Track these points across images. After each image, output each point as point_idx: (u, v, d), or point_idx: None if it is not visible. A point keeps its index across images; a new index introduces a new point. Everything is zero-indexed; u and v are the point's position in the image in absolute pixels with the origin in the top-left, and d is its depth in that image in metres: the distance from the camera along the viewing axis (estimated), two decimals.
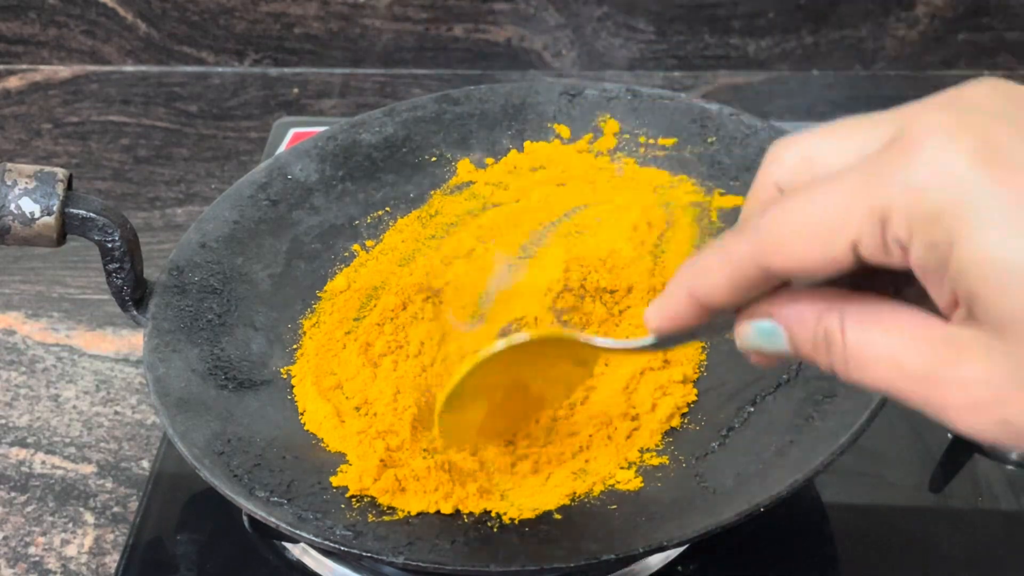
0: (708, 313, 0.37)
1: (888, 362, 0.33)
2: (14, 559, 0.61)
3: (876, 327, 0.33)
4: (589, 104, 0.71)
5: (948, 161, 0.30)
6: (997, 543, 0.58)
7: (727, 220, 0.64)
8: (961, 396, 0.32)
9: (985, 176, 0.30)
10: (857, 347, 0.33)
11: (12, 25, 1.00)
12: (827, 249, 0.32)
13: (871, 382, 0.34)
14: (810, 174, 0.34)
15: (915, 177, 0.31)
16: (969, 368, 0.31)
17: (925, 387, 0.32)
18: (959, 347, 0.32)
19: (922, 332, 0.33)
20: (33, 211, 0.56)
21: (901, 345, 0.33)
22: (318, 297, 0.65)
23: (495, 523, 0.51)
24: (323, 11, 0.98)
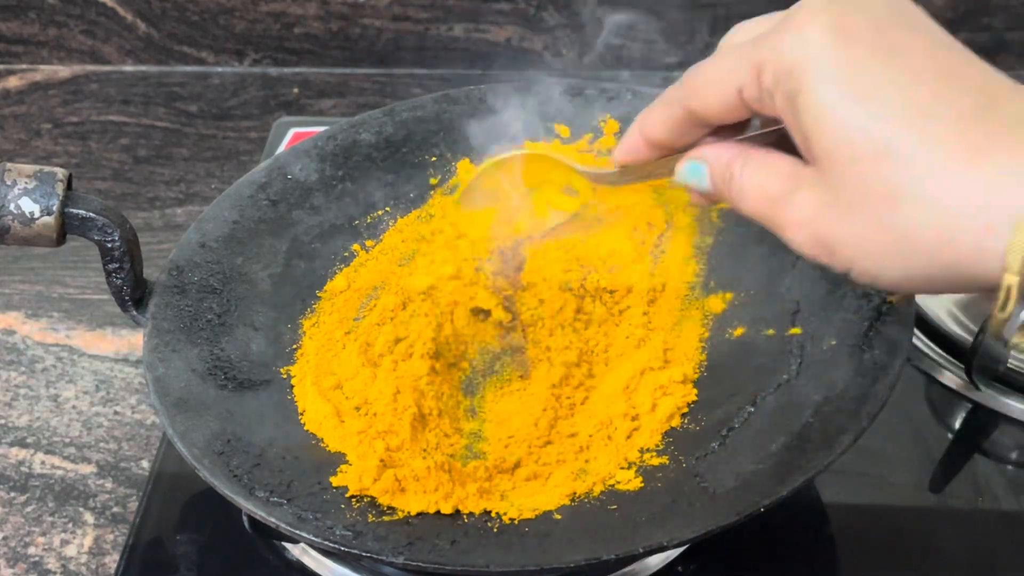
0: (656, 149, 0.48)
1: (758, 190, 0.43)
2: (14, 559, 0.61)
3: (759, 167, 0.43)
4: (589, 104, 0.71)
5: (807, 31, 0.40)
6: (997, 543, 0.58)
7: (727, 220, 0.64)
8: (792, 214, 0.42)
9: (829, 44, 0.39)
10: (743, 181, 0.44)
11: (12, 25, 1.00)
12: (723, 93, 0.43)
13: (748, 209, 0.44)
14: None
15: (782, 43, 0.40)
16: (800, 193, 0.41)
17: (774, 208, 0.42)
18: (800, 178, 0.41)
19: (782, 168, 0.42)
20: (33, 211, 0.56)
21: (767, 177, 0.43)
22: (318, 297, 0.65)
23: (495, 523, 0.51)
24: (323, 11, 0.98)
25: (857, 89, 0.39)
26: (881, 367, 0.51)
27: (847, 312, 0.55)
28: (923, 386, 0.66)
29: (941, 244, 0.38)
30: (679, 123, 0.46)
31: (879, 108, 0.38)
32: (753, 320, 0.59)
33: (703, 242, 0.64)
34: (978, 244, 0.38)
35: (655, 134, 0.47)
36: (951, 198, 0.38)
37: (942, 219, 0.38)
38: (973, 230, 0.37)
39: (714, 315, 0.61)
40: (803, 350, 0.56)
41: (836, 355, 0.54)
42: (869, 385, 0.51)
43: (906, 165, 0.38)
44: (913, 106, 0.38)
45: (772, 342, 0.57)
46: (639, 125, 0.48)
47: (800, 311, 0.58)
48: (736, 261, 0.62)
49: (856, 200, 0.39)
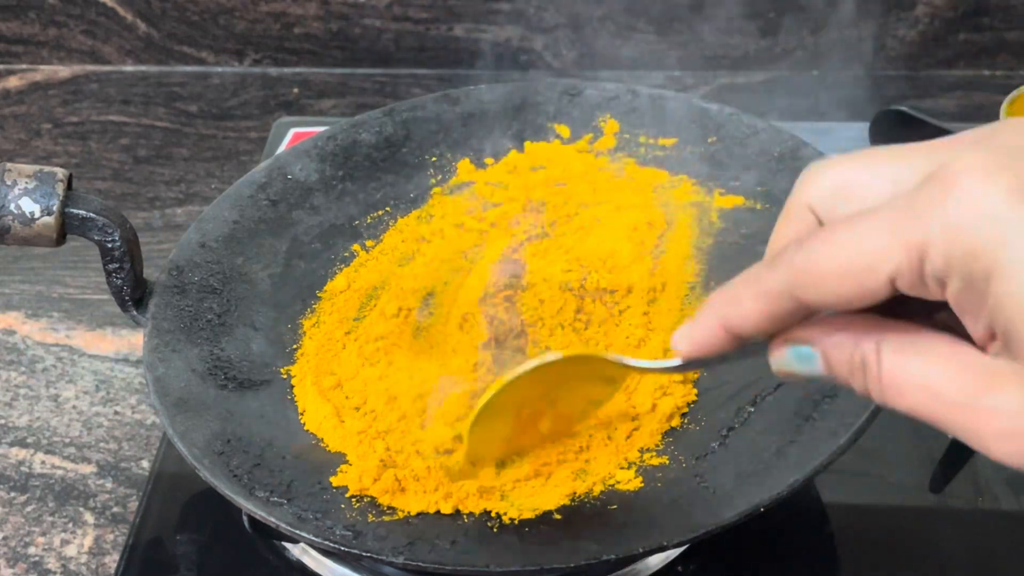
0: (738, 341, 0.38)
1: (924, 389, 0.34)
2: (14, 559, 0.61)
3: (912, 354, 0.34)
4: (589, 104, 0.71)
5: (985, 199, 0.31)
6: (997, 543, 0.58)
7: (727, 220, 0.64)
8: (997, 424, 0.33)
9: (1018, 209, 0.31)
10: (892, 373, 0.34)
11: (12, 25, 1.00)
12: (865, 284, 0.33)
13: (907, 408, 0.34)
14: (846, 201, 0.35)
15: (953, 214, 0.31)
16: (1005, 397, 0.32)
17: (962, 414, 0.33)
18: (995, 376, 0.32)
19: (959, 360, 0.33)
20: (33, 211, 0.56)
21: (938, 372, 0.33)
22: (318, 297, 0.65)
23: (495, 523, 0.51)
24: (323, 11, 0.98)
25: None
26: None
27: None
28: None
29: None
30: (783, 315, 0.36)
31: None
32: None
33: (703, 242, 0.64)
34: None
35: (745, 328, 0.37)
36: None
37: None
38: None
39: None
40: None
41: None
42: None
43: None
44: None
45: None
46: (719, 314, 0.38)
47: None
48: (736, 261, 0.62)
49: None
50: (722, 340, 0.38)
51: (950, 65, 0.95)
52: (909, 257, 0.32)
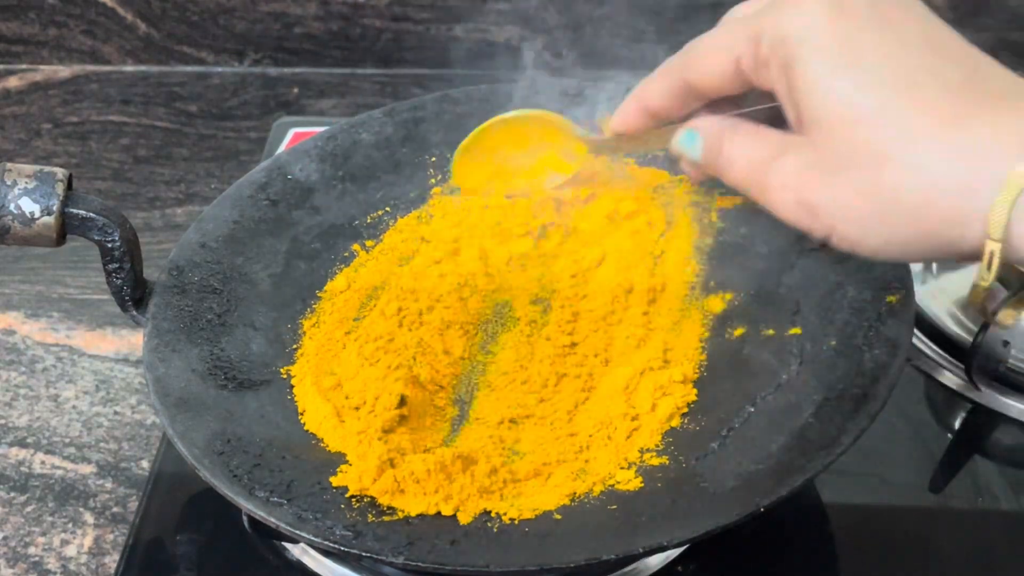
0: (652, 119, 0.49)
1: (745, 158, 0.44)
2: (14, 559, 0.61)
3: (747, 136, 0.44)
4: (589, 104, 0.71)
5: (806, 5, 0.41)
6: (997, 543, 0.58)
7: (727, 220, 0.64)
8: (776, 178, 0.42)
9: (825, 17, 0.41)
10: (731, 150, 0.45)
11: (12, 25, 1.00)
12: (720, 64, 0.45)
13: (733, 178, 0.45)
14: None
15: (780, 15, 0.42)
16: (786, 158, 0.42)
17: (759, 174, 0.43)
18: (786, 145, 0.42)
19: (770, 137, 0.43)
20: (33, 211, 0.56)
21: (754, 145, 0.44)
22: (318, 297, 0.65)
23: (495, 523, 0.51)
24: (323, 11, 0.98)
25: (849, 58, 0.40)
26: (881, 367, 0.51)
27: (847, 312, 0.55)
28: (923, 386, 0.66)
29: (924, 206, 0.39)
30: (676, 93, 0.47)
31: (869, 76, 0.40)
32: (753, 320, 0.59)
33: (703, 242, 0.64)
34: (961, 207, 0.38)
35: (652, 104, 0.49)
36: (936, 161, 0.38)
37: (926, 181, 0.39)
38: (957, 193, 0.38)
39: (714, 315, 0.61)
40: (803, 350, 0.56)
41: (836, 355, 0.54)
42: (869, 385, 0.51)
43: (893, 129, 0.39)
44: (901, 75, 0.40)
45: (772, 342, 0.57)
46: (637, 94, 0.49)
47: (800, 311, 0.58)
48: (736, 261, 0.62)
49: (842, 163, 0.40)
50: (639, 116, 0.50)
51: None
52: (748, 43, 0.43)
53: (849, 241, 0.41)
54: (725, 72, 0.45)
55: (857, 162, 0.40)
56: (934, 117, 0.39)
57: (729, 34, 0.45)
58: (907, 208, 0.39)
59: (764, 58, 0.42)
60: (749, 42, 0.43)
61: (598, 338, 0.60)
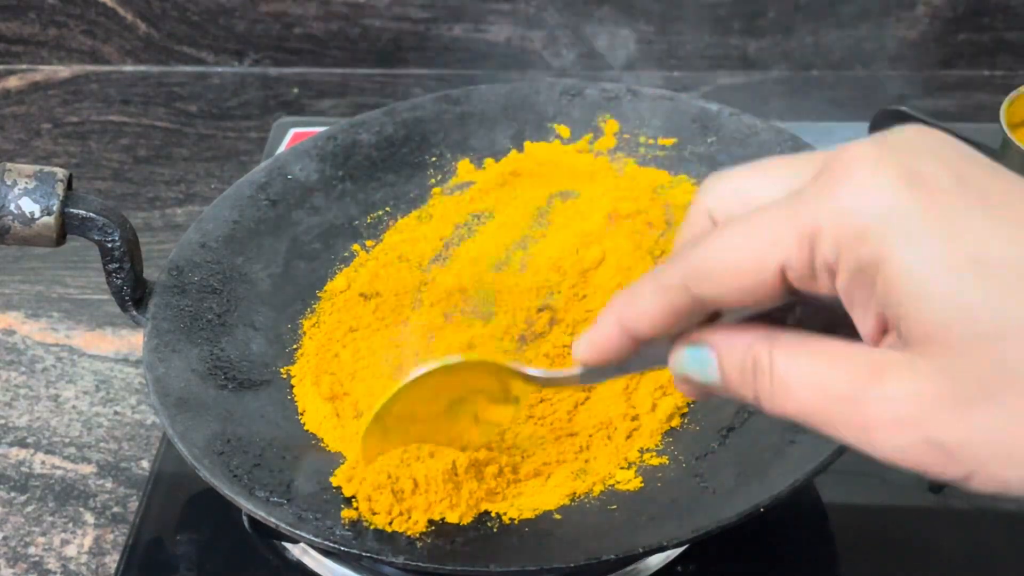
0: (638, 344, 0.37)
1: (813, 386, 0.33)
2: (14, 559, 0.61)
3: (803, 352, 0.33)
4: (589, 104, 0.71)
5: (873, 185, 0.31)
6: (997, 543, 0.58)
7: None
8: (885, 413, 0.32)
9: (909, 198, 0.31)
10: (784, 373, 0.34)
11: (12, 25, 1.00)
12: (757, 274, 0.33)
13: (796, 408, 0.33)
14: (743, 206, 0.35)
15: (842, 200, 0.31)
16: (894, 385, 0.31)
17: (850, 408, 0.32)
18: (884, 366, 0.32)
19: (848, 354, 0.33)
20: (33, 211, 0.56)
21: (826, 368, 0.33)
22: (318, 297, 0.65)
23: (495, 523, 0.51)
24: (323, 11, 0.98)
25: (963, 251, 0.30)
26: None
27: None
28: None
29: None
30: (681, 312, 0.36)
31: (1005, 279, 0.30)
32: None
33: None
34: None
35: (643, 327, 0.36)
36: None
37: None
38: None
39: None
40: None
41: None
42: None
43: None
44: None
45: None
46: (616, 316, 0.37)
47: None
48: None
49: (988, 389, 0.30)
50: (622, 343, 0.37)
51: (950, 65, 0.95)
52: (800, 245, 0.32)
53: (999, 481, 0.32)
54: (763, 286, 0.33)
55: (1012, 386, 0.30)
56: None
57: (761, 234, 0.33)
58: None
59: (826, 262, 0.32)
60: (799, 243, 0.32)
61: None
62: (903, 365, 0.32)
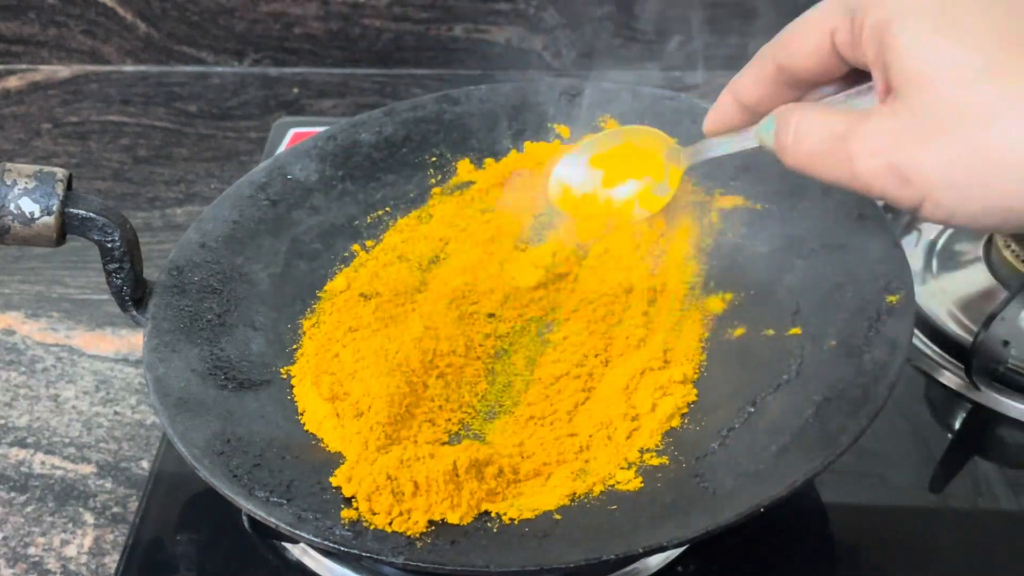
0: (748, 113, 0.49)
1: (819, 130, 0.43)
2: (14, 559, 0.61)
3: (820, 111, 0.44)
4: (589, 104, 0.71)
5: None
6: (997, 543, 0.58)
7: (727, 220, 0.64)
8: (863, 144, 0.41)
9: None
10: (799, 124, 0.44)
11: (12, 25, 1.00)
12: (814, 41, 0.44)
13: (806, 153, 0.43)
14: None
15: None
16: (873, 122, 0.40)
17: (841, 143, 0.41)
18: (872, 112, 0.41)
19: (847, 111, 0.42)
20: (33, 211, 0.56)
21: (829, 117, 0.43)
22: (318, 297, 0.65)
23: (495, 523, 0.51)
24: (323, 11, 0.98)
25: (949, 19, 0.39)
26: (881, 367, 0.51)
27: (847, 312, 0.55)
28: (923, 386, 0.66)
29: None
30: (770, 81, 0.47)
31: (971, 36, 0.38)
32: (753, 320, 0.59)
33: (703, 242, 0.64)
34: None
35: (746, 95, 0.48)
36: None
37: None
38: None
39: (714, 315, 0.61)
40: (803, 350, 0.56)
41: (836, 355, 0.54)
42: (869, 385, 0.51)
43: (999, 87, 0.37)
44: (1005, 35, 0.38)
45: (772, 342, 0.57)
46: (730, 88, 0.49)
47: (800, 311, 0.58)
48: (736, 261, 0.62)
49: (943, 124, 0.38)
50: (734, 111, 0.49)
51: None
52: (843, 15, 0.42)
53: (944, 209, 0.39)
54: (821, 49, 0.44)
55: (961, 123, 0.38)
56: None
57: (821, 10, 0.44)
58: (1012, 167, 0.37)
59: (860, 27, 0.41)
60: (844, 14, 0.42)
61: (598, 338, 0.60)
62: (884, 108, 0.40)
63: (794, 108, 0.45)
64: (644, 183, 0.61)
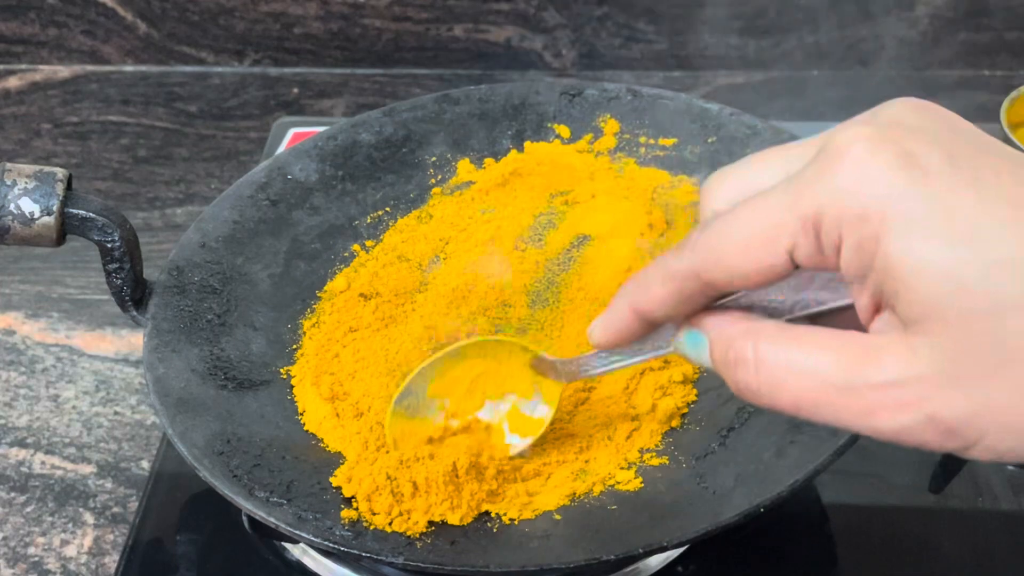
0: (649, 326, 0.39)
1: (806, 375, 0.34)
2: (14, 559, 0.61)
3: (791, 342, 0.34)
4: (589, 104, 0.71)
5: (871, 166, 0.32)
6: (997, 543, 0.58)
7: None
8: (887, 397, 0.32)
9: (906, 179, 0.32)
10: (769, 364, 0.34)
11: (12, 25, 1.00)
12: (765, 257, 0.34)
13: (791, 399, 0.34)
14: (745, 197, 0.36)
15: (841, 182, 0.32)
16: (892, 367, 0.32)
17: (847, 395, 0.33)
18: (881, 349, 0.32)
19: (839, 341, 0.33)
20: (33, 211, 0.56)
21: (817, 355, 0.34)
22: (318, 297, 0.65)
23: (495, 523, 0.51)
24: (323, 11, 0.98)
25: (958, 231, 0.31)
26: None
27: None
28: None
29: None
30: (689, 297, 0.37)
31: (996, 251, 0.31)
32: None
33: None
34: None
35: (654, 310, 0.38)
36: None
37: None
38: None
39: None
40: None
41: None
42: None
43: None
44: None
45: None
46: (630, 301, 0.39)
47: None
48: None
49: (989, 363, 0.31)
50: (634, 325, 0.40)
51: (950, 65, 0.95)
52: (805, 227, 0.33)
53: (998, 452, 0.32)
54: (772, 269, 0.34)
55: (1010, 361, 0.31)
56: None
57: (764, 218, 0.34)
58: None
59: (833, 243, 0.33)
60: (804, 225, 0.33)
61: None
62: (900, 346, 0.32)
63: (739, 336, 0.36)
64: (509, 402, 0.53)
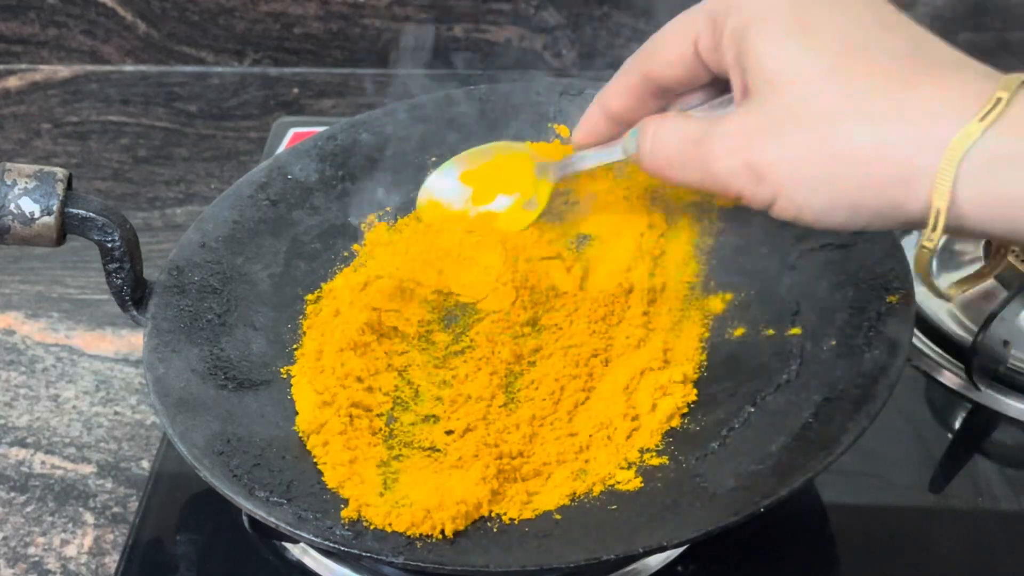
0: (616, 124, 0.51)
1: (677, 133, 0.45)
2: (14, 559, 0.61)
3: (680, 118, 0.46)
4: (589, 104, 0.71)
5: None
6: (997, 543, 0.58)
7: (727, 220, 0.64)
8: (720, 145, 0.43)
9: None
10: (662, 132, 0.46)
11: (12, 25, 1.00)
12: (678, 49, 0.46)
13: (663, 157, 0.46)
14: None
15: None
16: (731, 122, 0.43)
17: (698, 146, 0.44)
18: (728, 114, 0.43)
19: (701, 118, 0.45)
20: (33, 211, 0.56)
21: (691, 123, 0.45)
22: (318, 297, 0.65)
23: (495, 523, 0.51)
24: (323, 11, 0.98)
25: (801, 27, 0.42)
26: (881, 367, 0.51)
27: (847, 312, 0.55)
28: (923, 386, 0.66)
29: (873, 161, 0.40)
30: (637, 91, 0.49)
31: (820, 41, 0.42)
32: (753, 320, 0.59)
33: (703, 242, 0.64)
34: (910, 161, 0.40)
35: (613, 105, 0.50)
36: (885, 118, 0.40)
37: (876, 134, 0.40)
38: (905, 146, 0.40)
39: (714, 315, 0.61)
40: (803, 350, 0.56)
41: (836, 355, 0.54)
42: (869, 385, 0.51)
43: (844, 87, 0.41)
44: (852, 42, 0.42)
45: (772, 342, 0.57)
46: (598, 99, 0.51)
47: (800, 311, 0.58)
48: (736, 261, 0.62)
49: (792, 121, 0.41)
50: (602, 123, 0.52)
51: None
52: (707, 23, 0.45)
53: (795, 205, 0.42)
54: (685, 57, 0.46)
55: (809, 120, 0.41)
56: (883, 79, 0.41)
57: (686, 18, 0.46)
58: (856, 162, 0.40)
59: (720, 33, 0.44)
60: (707, 22, 0.45)
61: (598, 338, 0.60)
62: (740, 109, 0.43)
63: (654, 118, 0.47)
64: (514, 199, 0.63)
